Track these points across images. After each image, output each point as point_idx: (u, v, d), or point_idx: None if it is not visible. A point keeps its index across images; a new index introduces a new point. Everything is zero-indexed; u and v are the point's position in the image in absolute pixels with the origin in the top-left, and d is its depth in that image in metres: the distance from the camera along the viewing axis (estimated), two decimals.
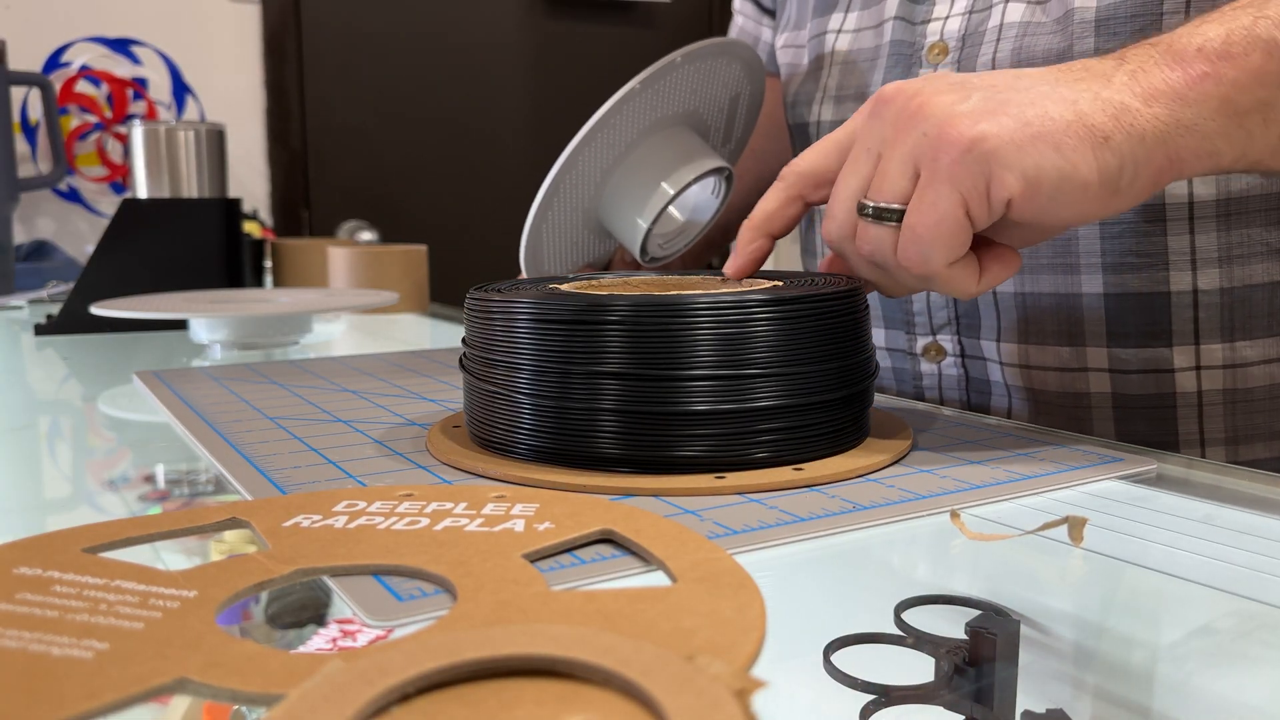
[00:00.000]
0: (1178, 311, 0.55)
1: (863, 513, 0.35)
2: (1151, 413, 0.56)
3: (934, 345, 0.63)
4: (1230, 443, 0.56)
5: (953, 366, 0.63)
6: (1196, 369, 0.55)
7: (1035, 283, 0.57)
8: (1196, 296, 0.54)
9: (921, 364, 0.64)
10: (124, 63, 2.28)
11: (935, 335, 0.63)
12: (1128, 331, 0.56)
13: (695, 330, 0.38)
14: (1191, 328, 0.55)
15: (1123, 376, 0.56)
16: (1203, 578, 0.32)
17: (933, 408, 0.55)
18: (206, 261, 1.00)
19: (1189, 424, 0.56)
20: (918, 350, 0.64)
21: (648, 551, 0.30)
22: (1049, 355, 0.58)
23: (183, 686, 0.22)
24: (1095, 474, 0.41)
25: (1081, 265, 0.55)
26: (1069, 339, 0.57)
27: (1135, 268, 0.55)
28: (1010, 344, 0.59)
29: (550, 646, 0.21)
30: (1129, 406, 0.57)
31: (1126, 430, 0.57)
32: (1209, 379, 0.55)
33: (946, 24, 0.60)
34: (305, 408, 0.53)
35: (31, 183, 1.67)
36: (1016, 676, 0.27)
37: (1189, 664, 0.29)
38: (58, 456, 0.56)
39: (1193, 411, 0.56)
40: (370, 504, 0.34)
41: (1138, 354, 0.55)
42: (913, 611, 0.30)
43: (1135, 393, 0.56)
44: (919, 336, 0.64)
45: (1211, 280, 0.54)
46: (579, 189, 0.60)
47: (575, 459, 0.39)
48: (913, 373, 0.64)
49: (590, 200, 0.61)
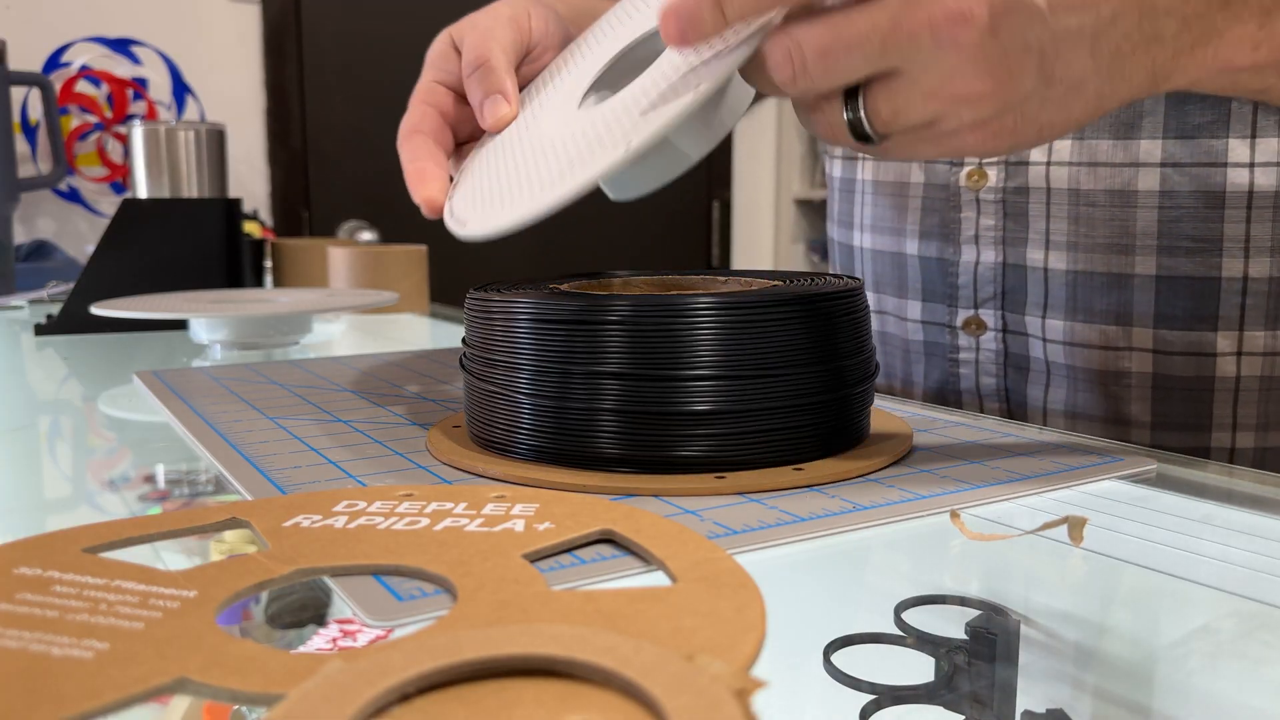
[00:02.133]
0: (1226, 297, 0.55)
1: (863, 513, 0.35)
2: (1189, 394, 0.57)
3: (975, 319, 0.63)
4: (1261, 428, 0.56)
5: (992, 341, 0.62)
6: (1238, 354, 0.55)
7: (1090, 261, 0.57)
8: (1246, 284, 0.55)
9: (961, 337, 0.64)
10: (124, 63, 2.28)
11: (978, 309, 0.63)
12: (1175, 314, 0.56)
13: (695, 330, 0.38)
14: (1238, 314, 0.55)
15: (1165, 358, 0.56)
16: (1202, 578, 0.32)
17: (932, 408, 0.55)
18: (206, 261, 1.00)
19: (1224, 408, 0.56)
20: (958, 323, 0.64)
21: (648, 551, 0.30)
22: (1094, 334, 0.58)
23: (183, 686, 0.22)
24: (1095, 474, 0.41)
25: (1136, 247, 0.56)
26: (1116, 319, 0.57)
27: (1189, 252, 0.55)
28: (1056, 320, 0.59)
29: (550, 646, 0.21)
30: (1167, 388, 0.57)
31: (1161, 411, 0.57)
32: (1248, 365, 0.55)
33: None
34: (305, 408, 0.53)
35: (31, 183, 1.68)
36: (1016, 676, 0.27)
37: (1189, 664, 0.29)
38: (58, 456, 0.56)
39: (1229, 396, 0.56)
40: (370, 504, 0.34)
41: (1183, 336, 0.56)
42: (913, 611, 0.30)
43: (1176, 374, 0.56)
44: (960, 310, 0.63)
45: (1262, 269, 0.54)
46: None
47: (575, 459, 0.39)
48: (949, 346, 0.64)
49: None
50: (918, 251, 0.65)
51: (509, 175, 0.45)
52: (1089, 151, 0.56)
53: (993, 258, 0.60)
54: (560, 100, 0.49)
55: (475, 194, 0.47)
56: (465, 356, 0.45)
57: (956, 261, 0.62)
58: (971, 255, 0.61)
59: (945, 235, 0.62)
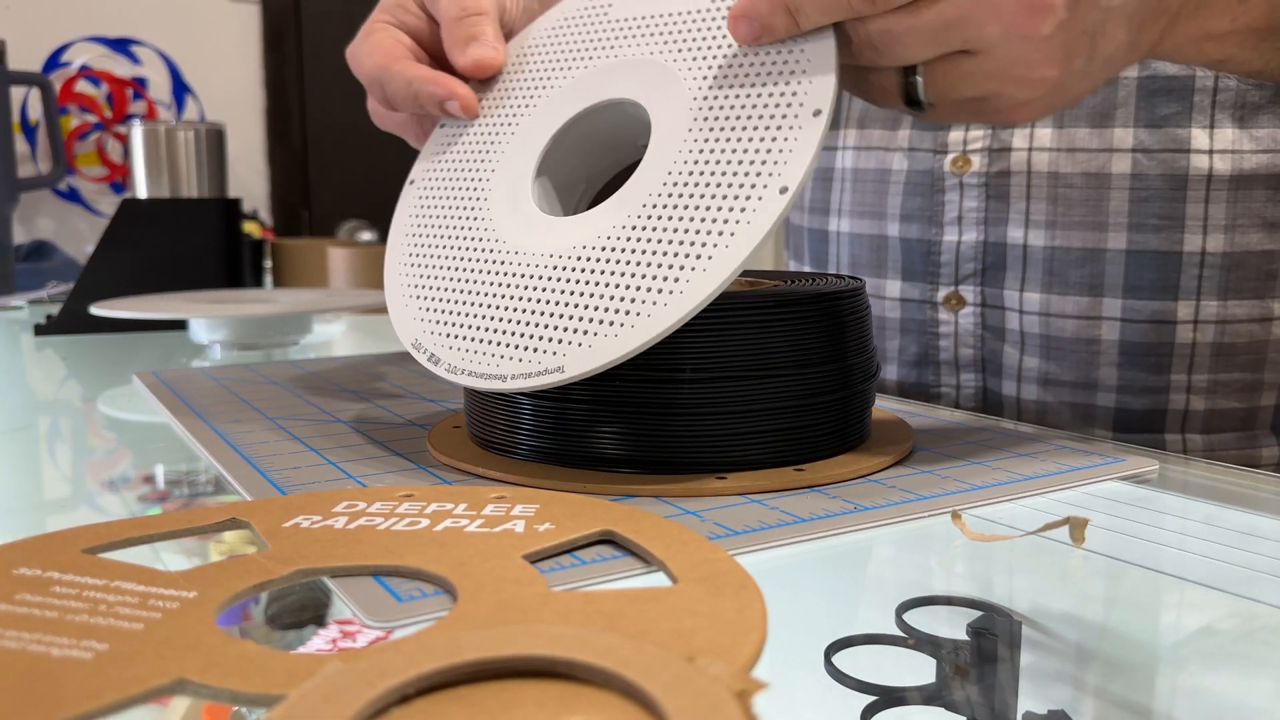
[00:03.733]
0: (1186, 269, 0.60)
1: (864, 513, 0.35)
2: (1150, 360, 0.61)
3: (955, 295, 0.66)
4: (1210, 392, 0.61)
5: (970, 316, 0.66)
6: (1194, 323, 0.60)
7: (1066, 238, 0.61)
8: (1204, 258, 0.60)
9: (941, 312, 0.66)
10: (124, 62, 2.28)
11: (958, 285, 0.66)
12: (1142, 285, 0.61)
13: (696, 330, 0.38)
14: (1196, 285, 0.60)
15: (1132, 325, 0.61)
16: (1204, 579, 0.32)
17: (933, 408, 0.55)
18: (206, 261, 1.00)
19: (1180, 373, 0.61)
20: (938, 299, 0.66)
21: (648, 552, 0.30)
22: (1069, 304, 0.62)
23: (182, 687, 0.22)
24: (1097, 475, 0.41)
25: (1109, 224, 0.60)
26: (1089, 290, 0.61)
27: (1156, 229, 0.60)
28: (1033, 293, 0.63)
29: (550, 647, 0.21)
30: (1133, 354, 0.61)
31: (1126, 375, 0.62)
32: (1203, 332, 0.60)
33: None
34: (305, 408, 0.53)
35: (31, 183, 1.67)
36: (1018, 677, 0.27)
37: (1190, 665, 0.29)
38: (57, 457, 0.56)
39: (1185, 361, 0.61)
40: (370, 504, 0.34)
41: (1148, 305, 0.60)
42: (914, 612, 0.30)
43: (1140, 340, 0.61)
44: (941, 286, 0.66)
45: (1217, 244, 0.59)
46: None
47: (575, 459, 0.39)
48: (929, 321, 0.67)
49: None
50: (899, 234, 0.67)
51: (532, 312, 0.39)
52: (1068, 139, 0.60)
53: (974, 237, 0.64)
54: (507, 193, 0.44)
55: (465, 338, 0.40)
56: None
57: (939, 242, 0.65)
58: (954, 235, 0.64)
59: (928, 218, 0.65)
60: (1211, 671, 0.29)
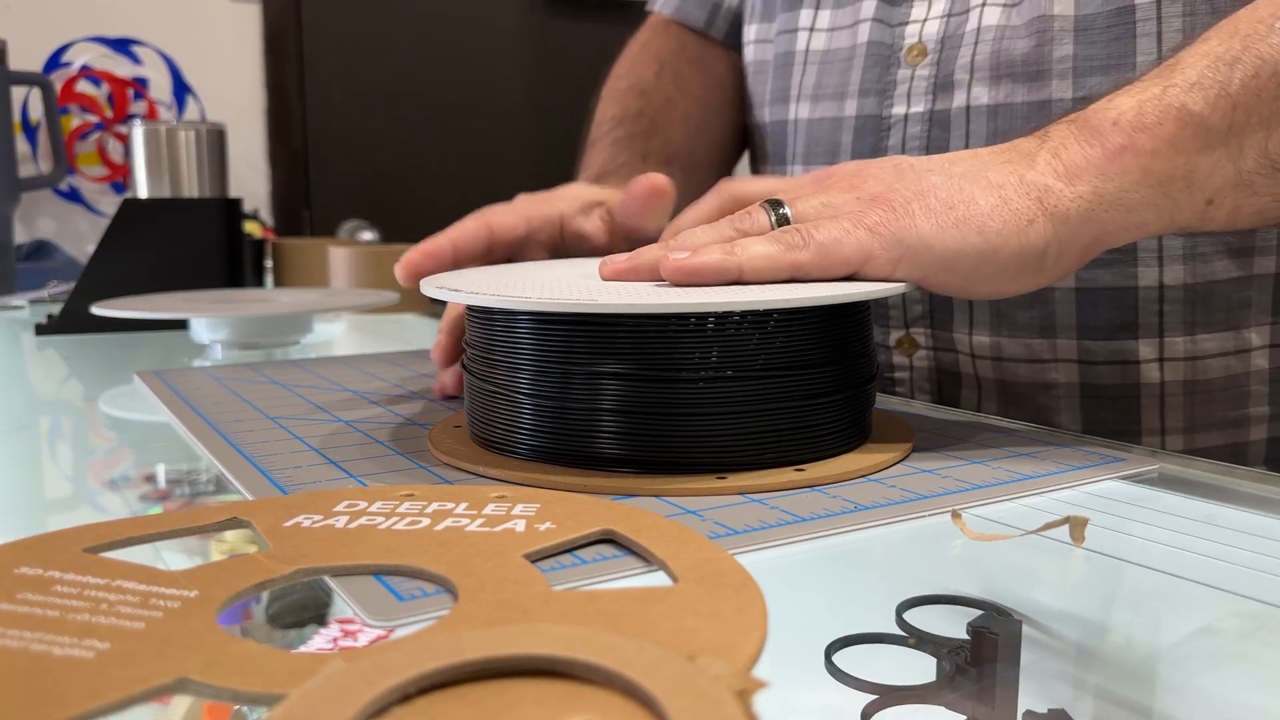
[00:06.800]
0: (1145, 305, 0.57)
1: (864, 513, 0.35)
2: (1116, 403, 0.58)
3: (907, 338, 0.64)
4: (1188, 431, 0.58)
5: (924, 359, 0.64)
6: (1160, 360, 0.57)
7: None
8: (1162, 291, 0.57)
9: (894, 356, 0.65)
10: (124, 63, 2.28)
11: (909, 328, 0.64)
12: (1097, 324, 0.58)
13: (696, 330, 0.38)
14: (1157, 321, 0.57)
15: (1090, 367, 0.58)
16: (1205, 578, 0.32)
17: (933, 408, 0.55)
18: (207, 261, 1.00)
19: (1151, 415, 0.58)
20: (891, 343, 0.65)
21: (649, 551, 0.30)
22: (1020, 347, 0.59)
23: (183, 686, 0.22)
24: (1097, 474, 0.41)
25: None
26: (1040, 331, 0.59)
27: (1106, 263, 0.57)
28: (982, 336, 0.61)
29: (551, 647, 0.21)
30: (1096, 397, 0.59)
31: (1092, 419, 0.59)
32: (1171, 370, 0.57)
33: (925, 26, 0.62)
34: (306, 408, 0.53)
35: (32, 183, 1.67)
36: (1018, 677, 0.27)
37: (1191, 664, 0.29)
38: (58, 456, 0.56)
39: (1155, 402, 0.58)
40: (371, 504, 0.34)
41: (1105, 346, 0.58)
42: (914, 611, 0.30)
43: (1102, 383, 0.58)
44: (893, 330, 0.65)
45: (1176, 276, 0.56)
46: None
47: (576, 459, 0.39)
48: (883, 366, 0.65)
49: None
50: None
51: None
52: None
53: None
54: None
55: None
56: (466, 356, 0.44)
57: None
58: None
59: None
60: (1212, 671, 0.29)
